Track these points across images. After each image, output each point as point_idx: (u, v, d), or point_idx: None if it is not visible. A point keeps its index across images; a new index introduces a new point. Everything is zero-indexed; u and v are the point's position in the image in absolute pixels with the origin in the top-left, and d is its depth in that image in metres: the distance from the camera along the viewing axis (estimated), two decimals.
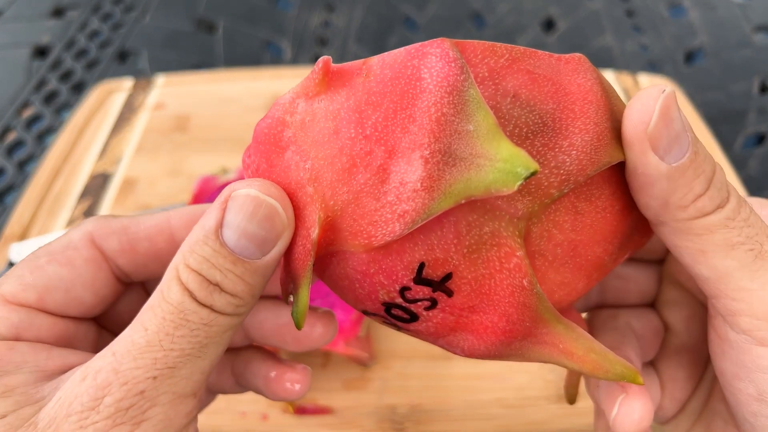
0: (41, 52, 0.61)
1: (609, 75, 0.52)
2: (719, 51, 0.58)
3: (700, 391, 0.21)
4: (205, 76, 0.54)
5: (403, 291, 0.15)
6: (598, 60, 0.58)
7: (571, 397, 0.21)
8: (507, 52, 0.15)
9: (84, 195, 0.44)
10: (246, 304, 0.16)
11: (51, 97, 0.56)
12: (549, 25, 0.63)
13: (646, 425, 0.18)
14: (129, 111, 0.51)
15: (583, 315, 0.21)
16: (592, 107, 0.15)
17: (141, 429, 0.14)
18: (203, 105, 0.51)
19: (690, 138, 0.15)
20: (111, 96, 0.52)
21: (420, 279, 0.15)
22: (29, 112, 0.54)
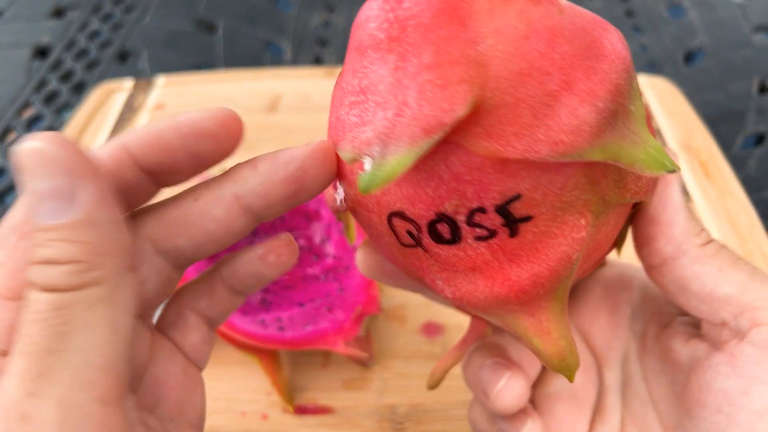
0: (41, 52, 0.61)
1: None
2: (719, 51, 0.58)
3: None
4: (206, 76, 0.54)
5: (475, 211, 0.15)
6: None
7: (436, 383, 0.23)
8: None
9: None
10: (95, 265, 0.14)
11: (51, 98, 0.56)
12: None
13: (523, 402, 0.20)
14: (129, 111, 0.51)
15: None
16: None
17: None
18: (203, 105, 0.51)
19: None
20: (111, 96, 0.52)
21: (503, 208, 0.15)
22: (30, 112, 0.54)
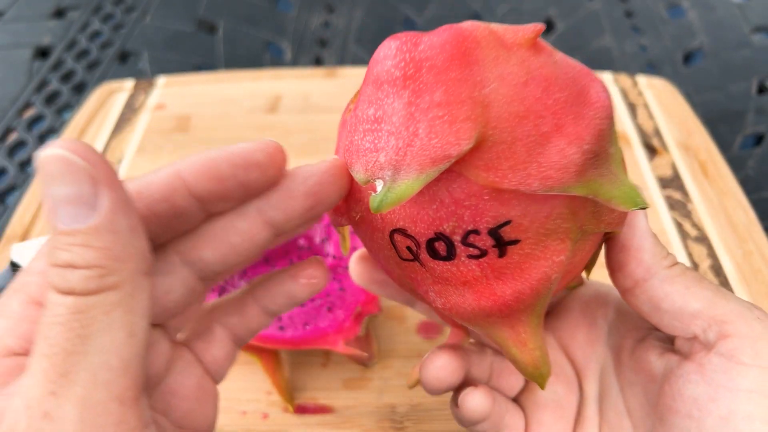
0: (42, 52, 0.61)
1: (608, 76, 0.52)
2: (718, 51, 0.58)
3: None
4: (206, 76, 0.54)
5: (470, 233, 0.17)
6: (597, 61, 0.58)
7: (414, 383, 0.24)
8: None
9: None
10: (113, 270, 0.14)
11: (52, 98, 0.56)
12: (548, 26, 0.63)
13: (485, 413, 0.22)
14: (130, 111, 0.51)
15: None
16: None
17: None
18: (204, 105, 0.51)
19: None
20: (112, 96, 0.52)
21: (495, 231, 0.17)
22: (30, 112, 0.55)
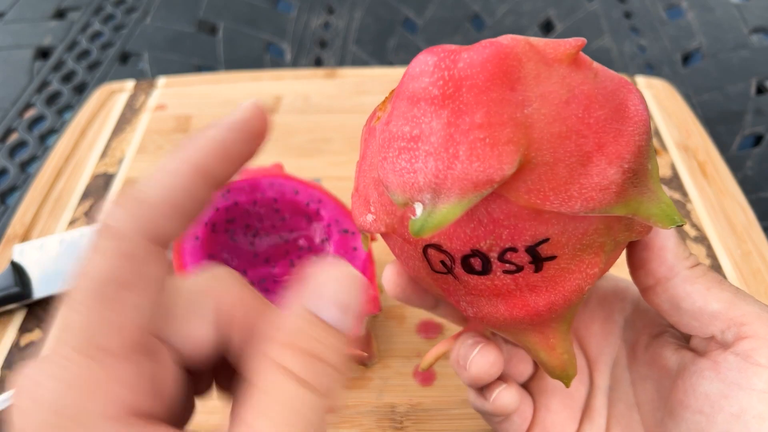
0: (43, 53, 0.61)
1: None
2: (717, 52, 0.58)
3: None
4: (206, 77, 0.55)
5: (507, 250, 0.17)
6: (596, 61, 0.58)
7: (426, 366, 0.25)
8: None
9: (86, 195, 0.45)
10: (340, 381, 0.15)
11: (53, 98, 0.56)
12: (548, 27, 0.63)
13: (495, 371, 0.22)
14: (130, 112, 0.51)
15: None
16: None
17: None
18: (204, 106, 0.52)
19: None
20: (113, 97, 0.53)
21: (533, 249, 0.17)
22: (31, 113, 0.55)
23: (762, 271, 0.38)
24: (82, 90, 0.57)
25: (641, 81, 0.52)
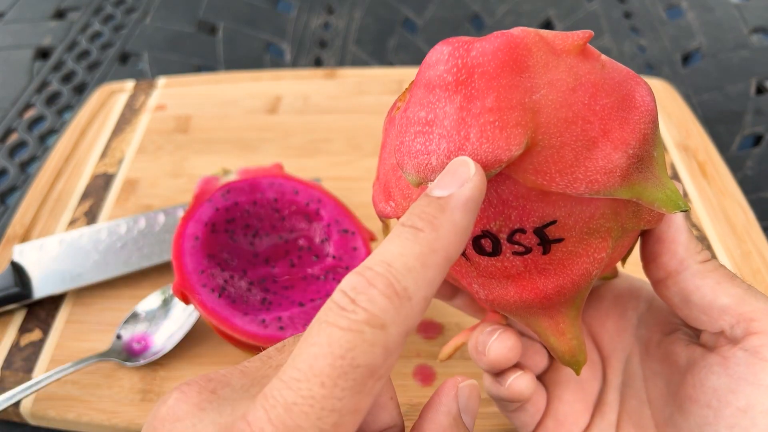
0: (43, 53, 0.61)
1: None
2: (716, 52, 0.58)
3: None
4: (206, 77, 0.55)
5: (516, 231, 0.18)
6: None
7: (446, 357, 0.25)
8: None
9: (86, 195, 0.45)
10: None
11: (53, 99, 0.56)
12: (547, 27, 0.63)
13: (513, 357, 0.23)
14: (130, 112, 0.51)
15: None
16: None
17: None
18: (204, 106, 0.52)
19: None
20: (112, 97, 0.53)
21: (541, 230, 0.18)
22: (31, 113, 0.55)
23: (762, 271, 0.38)
24: (81, 90, 0.57)
25: None
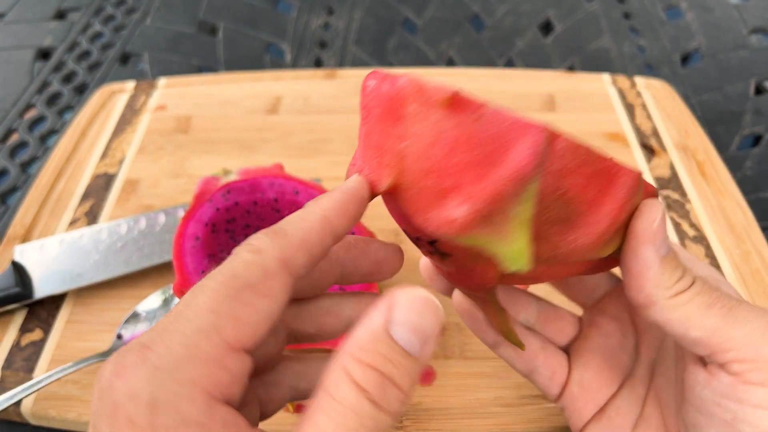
0: (44, 54, 0.61)
1: (606, 77, 0.53)
2: (716, 52, 0.58)
3: (625, 406, 0.25)
4: (207, 78, 0.55)
5: (421, 238, 0.21)
6: (595, 62, 0.58)
7: (515, 338, 0.26)
8: (583, 155, 0.18)
9: (86, 196, 0.45)
10: (406, 403, 0.16)
11: (53, 99, 0.56)
12: (547, 27, 0.63)
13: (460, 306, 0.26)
14: (131, 112, 0.51)
15: None
16: (606, 222, 0.19)
17: None
18: (204, 107, 0.52)
19: (668, 239, 0.21)
20: (113, 98, 0.53)
21: (432, 244, 0.20)
22: (32, 113, 0.55)
23: (761, 271, 0.38)
24: (82, 91, 0.57)
25: (640, 81, 0.52)
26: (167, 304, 0.36)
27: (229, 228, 0.34)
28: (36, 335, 0.36)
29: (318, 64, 0.59)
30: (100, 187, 0.45)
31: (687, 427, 0.22)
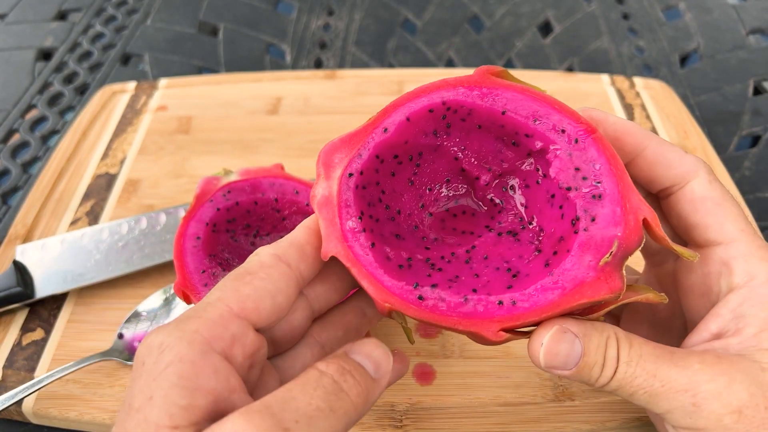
0: (45, 54, 0.62)
1: (605, 78, 0.53)
2: (714, 53, 0.58)
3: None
4: (207, 78, 0.55)
5: None
6: (594, 63, 0.59)
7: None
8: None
9: (87, 196, 0.45)
10: (359, 408, 0.21)
11: (55, 99, 0.56)
12: (546, 28, 0.63)
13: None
14: (132, 113, 0.52)
15: None
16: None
17: None
18: (205, 107, 0.52)
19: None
20: (114, 98, 0.53)
21: None
22: (33, 114, 0.55)
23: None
24: (83, 91, 0.57)
25: (639, 82, 0.52)
26: (168, 303, 0.36)
27: (230, 228, 0.35)
28: (37, 335, 0.36)
29: (318, 64, 0.60)
30: (101, 187, 0.45)
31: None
